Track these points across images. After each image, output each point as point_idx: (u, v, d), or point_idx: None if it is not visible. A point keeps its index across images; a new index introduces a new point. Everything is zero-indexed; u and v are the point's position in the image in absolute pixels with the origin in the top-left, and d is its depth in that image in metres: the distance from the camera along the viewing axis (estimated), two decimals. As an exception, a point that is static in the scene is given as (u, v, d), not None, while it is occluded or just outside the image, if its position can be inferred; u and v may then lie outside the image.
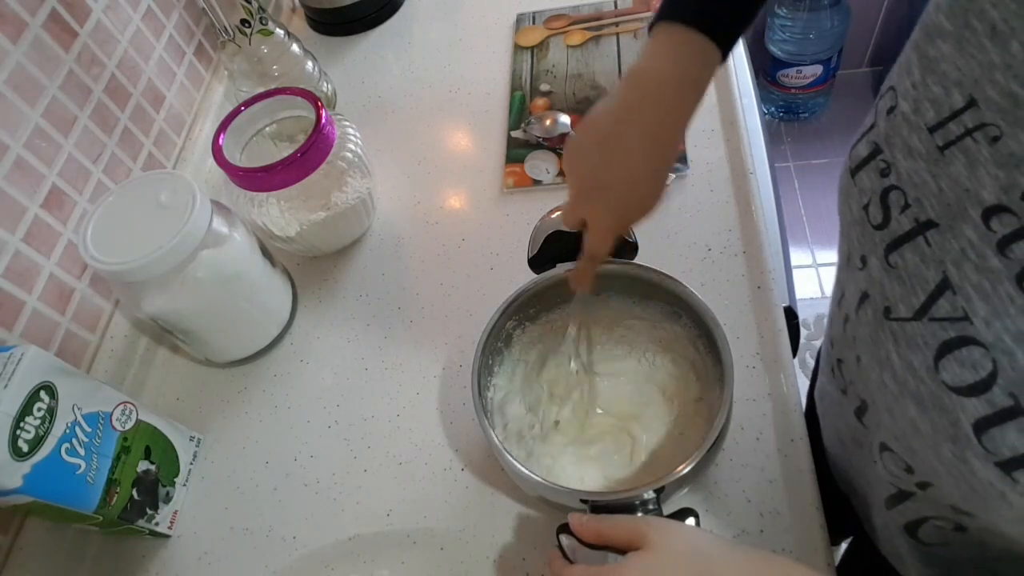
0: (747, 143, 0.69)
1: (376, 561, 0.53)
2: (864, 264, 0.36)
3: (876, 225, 0.34)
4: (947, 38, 0.29)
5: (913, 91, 0.32)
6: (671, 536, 0.38)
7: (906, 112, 0.32)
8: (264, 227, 0.65)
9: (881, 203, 0.34)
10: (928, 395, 0.31)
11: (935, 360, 0.30)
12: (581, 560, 0.40)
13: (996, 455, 0.27)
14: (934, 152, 0.30)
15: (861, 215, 0.36)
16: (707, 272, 0.62)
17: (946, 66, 0.29)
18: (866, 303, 0.36)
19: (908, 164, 0.32)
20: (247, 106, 0.65)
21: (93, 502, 0.50)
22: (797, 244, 1.70)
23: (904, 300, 0.32)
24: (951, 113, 0.29)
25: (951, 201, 0.29)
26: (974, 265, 0.28)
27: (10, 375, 0.45)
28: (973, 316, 0.28)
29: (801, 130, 1.90)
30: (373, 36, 0.93)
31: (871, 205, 0.35)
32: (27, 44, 0.60)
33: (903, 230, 0.32)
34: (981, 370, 0.28)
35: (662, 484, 0.43)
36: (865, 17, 1.78)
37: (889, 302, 0.33)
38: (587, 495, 0.44)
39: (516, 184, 0.72)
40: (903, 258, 0.32)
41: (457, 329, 0.64)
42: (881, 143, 0.34)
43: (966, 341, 0.28)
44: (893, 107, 0.33)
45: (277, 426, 0.62)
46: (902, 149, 0.32)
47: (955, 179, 0.29)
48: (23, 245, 0.59)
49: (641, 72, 0.44)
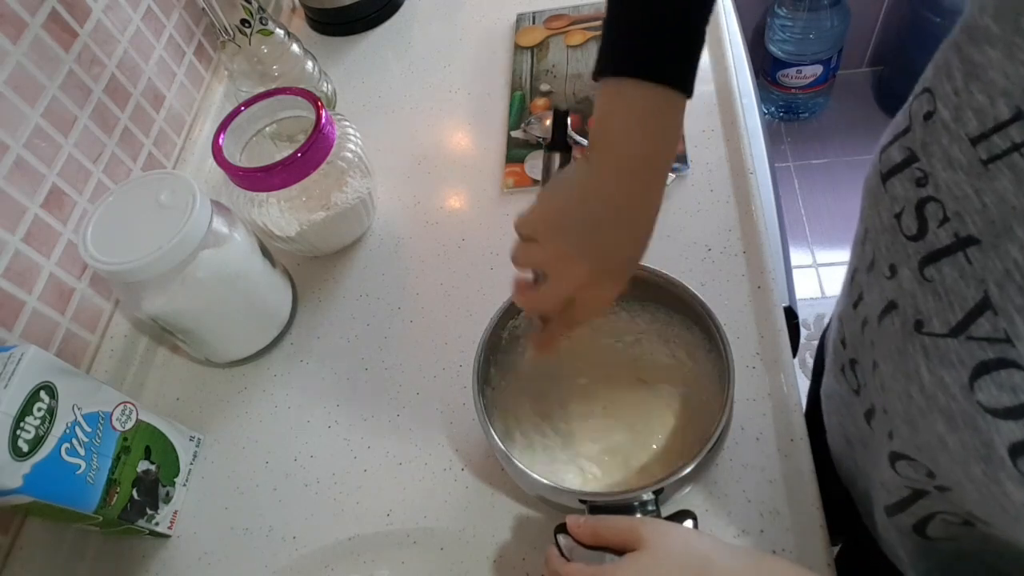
0: (747, 143, 0.69)
1: (376, 561, 0.53)
2: (893, 273, 0.35)
3: (910, 236, 0.33)
4: (995, 43, 0.27)
5: (955, 97, 0.30)
6: (667, 537, 0.38)
7: (946, 119, 0.30)
8: (264, 227, 0.65)
9: (916, 214, 0.32)
10: (960, 413, 0.30)
11: (970, 379, 0.29)
12: (578, 559, 0.40)
13: None
14: (977, 165, 0.28)
15: (892, 223, 0.34)
16: (707, 272, 0.62)
17: (993, 73, 0.28)
18: (893, 313, 0.35)
19: (948, 176, 0.30)
20: (247, 106, 0.65)
21: (93, 502, 0.50)
22: (797, 244, 1.69)
23: (939, 315, 0.31)
24: (996, 125, 0.27)
25: (995, 218, 0.28)
26: (1018, 287, 0.27)
27: (10, 375, 0.45)
28: (1015, 339, 0.27)
29: (801, 130, 1.90)
30: (373, 36, 0.93)
31: (904, 214, 0.33)
32: (27, 44, 0.60)
33: (941, 244, 0.31)
34: (1022, 394, 0.27)
35: (661, 485, 0.43)
36: (865, 17, 1.78)
37: (922, 315, 0.32)
38: (586, 495, 0.44)
39: (516, 184, 0.72)
40: (940, 272, 0.31)
41: (457, 329, 0.64)
42: (917, 150, 0.33)
43: (1006, 363, 0.28)
44: (931, 112, 0.32)
45: (277, 426, 0.62)
46: (941, 159, 0.31)
47: (1000, 195, 0.27)
48: (23, 245, 0.59)
49: (607, 137, 0.39)
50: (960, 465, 0.31)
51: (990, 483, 0.29)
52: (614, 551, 0.39)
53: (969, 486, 0.31)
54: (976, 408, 0.29)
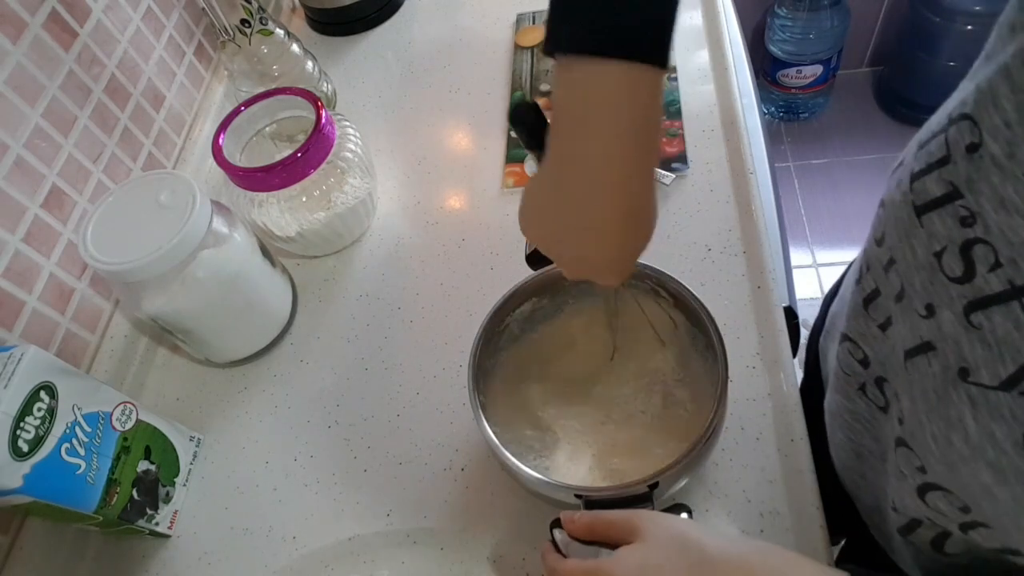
0: (747, 143, 0.69)
1: (376, 561, 0.53)
2: (930, 313, 0.32)
3: (953, 278, 0.31)
4: None
5: (1006, 131, 0.27)
6: (662, 528, 0.37)
7: (997, 155, 0.27)
8: (264, 227, 0.65)
9: (962, 255, 0.30)
10: (1011, 469, 0.29)
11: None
12: (574, 554, 0.40)
13: None
14: None
15: (931, 261, 0.32)
16: (707, 272, 0.62)
17: None
18: (930, 354, 0.33)
19: (1001, 218, 0.28)
20: (247, 106, 0.65)
21: (93, 502, 0.50)
22: (797, 244, 1.69)
23: (988, 366, 0.29)
24: None
25: None
26: None
27: (10, 375, 0.45)
28: None
29: (801, 130, 1.90)
30: (373, 36, 0.93)
31: (947, 254, 0.31)
32: (27, 44, 0.60)
33: (992, 291, 0.29)
34: None
35: (656, 479, 0.42)
36: (865, 17, 1.78)
37: (967, 364, 0.30)
38: (581, 490, 0.44)
39: (516, 184, 0.72)
40: (991, 321, 0.29)
41: (457, 329, 0.64)
42: (961, 186, 0.30)
43: None
44: (976, 144, 0.29)
45: (277, 426, 0.62)
46: (992, 199, 0.28)
47: None
48: (23, 245, 0.59)
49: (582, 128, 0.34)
50: (1009, 517, 0.30)
51: None
52: (609, 545, 0.39)
53: (1017, 534, 0.30)
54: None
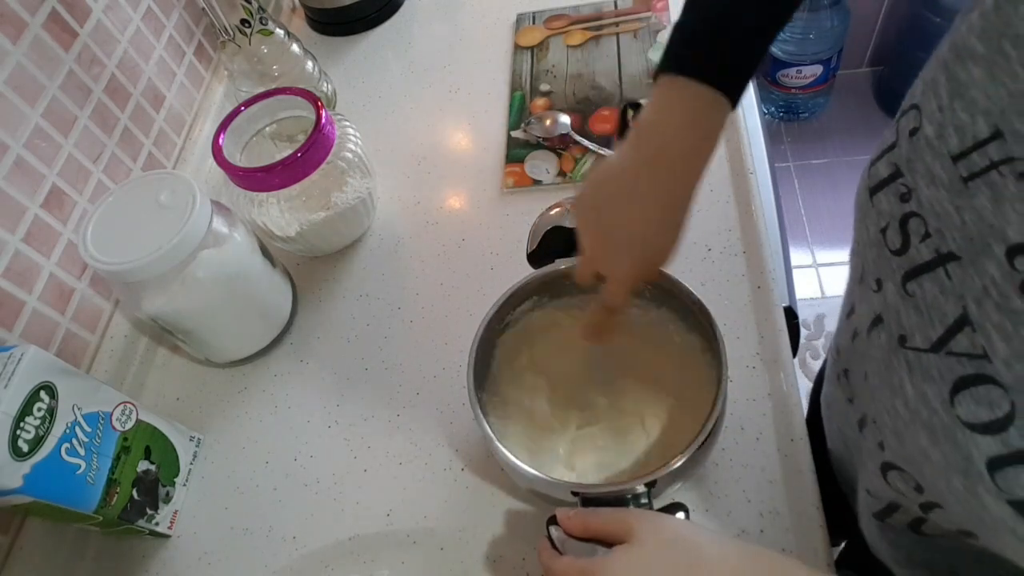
0: (747, 143, 0.69)
1: (376, 561, 0.53)
2: (879, 287, 0.35)
3: (894, 250, 0.33)
4: (978, 62, 0.28)
5: (939, 114, 0.30)
6: (657, 528, 0.37)
7: (929, 136, 0.30)
8: (264, 227, 0.65)
9: (900, 229, 0.33)
10: (940, 427, 0.30)
11: (951, 394, 0.29)
12: (570, 552, 0.40)
13: (1009, 494, 0.27)
14: (957, 183, 0.29)
15: (878, 237, 0.35)
16: (707, 272, 0.62)
17: (975, 92, 0.28)
18: (879, 327, 0.35)
19: (930, 192, 0.31)
20: (247, 106, 0.65)
21: (93, 502, 0.50)
22: (797, 244, 1.69)
23: (921, 331, 0.31)
24: (975, 143, 0.28)
25: (974, 235, 0.28)
26: (995, 304, 0.27)
27: (10, 375, 0.45)
28: (992, 355, 0.27)
29: (801, 130, 1.90)
30: (373, 36, 0.93)
31: (889, 229, 0.34)
32: (27, 44, 0.60)
33: (923, 259, 0.31)
34: (998, 410, 0.27)
35: (654, 478, 0.42)
36: (865, 17, 1.78)
37: (905, 331, 0.33)
38: (578, 487, 0.44)
39: (516, 184, 0.72)
40: (921, 288, 0.31)
41: (457, 329, 0.63)
42: (902, 166, 0.33)
43: (984, 379, 0.28)
44: (916, 128, 0.32)
45: (277, 426, 0.62)
46: (924, 175, 0.31)
47: (979, 213, 0.28)
48: (23, 245, 0.59)
49: (654, 126, 0.43)
50: (943, 478, 0.31)
51: (970, 496, 0.29)
52: (605, 544, 0.39)
53: (951, 499, 0.32)
54: (955, 422, 0.29)
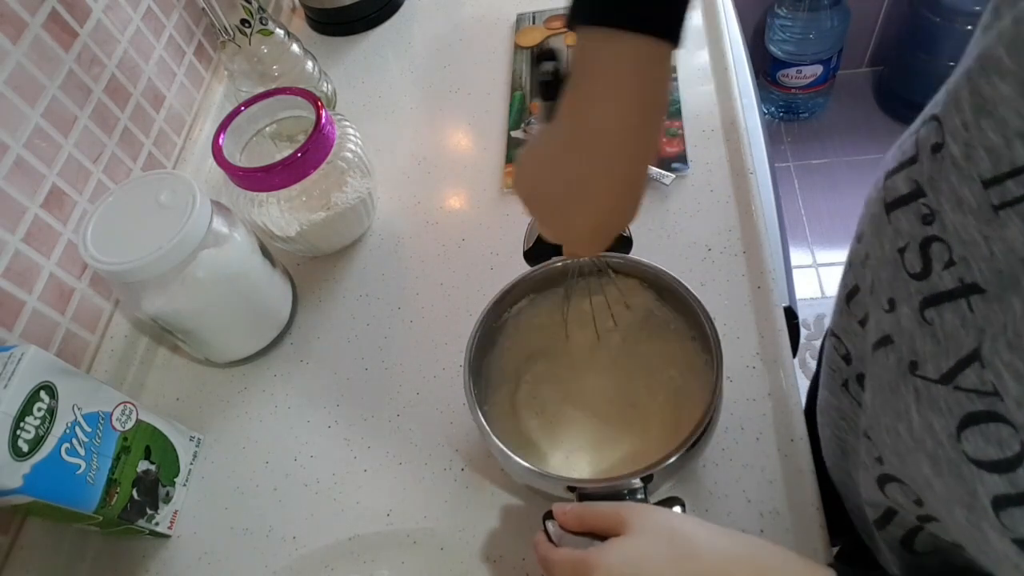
0: (747, 143, 0.69)
1: (376, 561, 0.53)
2: (892, 307, 0.33)
3: (913, 274, 0.31)
4: (1006, 77, 0.25)
5: (964, 132, 0.27)
6: (651, 520, 0.37)
7: (955, 156, 0.28)
8: (264, 227, 0.65)
9: (921, 252, 0.31)
10: (945, 460, 0.29)
11: (958, 429, 0.28)
12: (565, 545, 0.40)
13: (1014, 533, 0.26)
14: (987, 210, 0.26)
15: (895, 257, 0.33)
16: (707, 272, 0.62)
17: (1005, 111, 0.25)
18: (889, 348, 0.34)
19: (956, 218, 0.28)
20: (247, 106, 0.65)
21: (93, 502, 0.50)
22: (797, 244, 1.70)
23: (934, 360, 0.30)
24: (1012, 169, 0.25)
25: (1003, 268, 0.26)
26: (1007, 342, 0.26)
27: (10, 375, 0.45)
28: (1004, 394, 0.26)
29: (801, 130, 1.90)
30: (373, 36, 0.93)
31: (908, 251, 0.32)
32: (27, 44, 0.60)
33: (945, 288, 0.29)
34: (1008, 449, 0.26)
35: (649, 472, 0.42)
36: (865, 17, 1.78)
37: (917, 357, 0.31)
38: (574, 482, 0.44)
39: (516, 184, 0.72)
40: (941, 317, 0.29)
41: (457, 329, 0.63)
42: (924, 185, 0.31)
43: (994, 417, 0.27)
44: (939, 145, 0.29)
45: (277, 426, 0.62)
46: (950, 198, 0.29)
47: (1010, 245, 0.26)
48: (23, 245, 0.59)
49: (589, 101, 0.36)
50: (944, 506, 0.31)
51: (973, 529, 0.29)
52: (601, 537, 0.39)
53: (953, 526, 0.31)
54: (962, 457, 0.28)
